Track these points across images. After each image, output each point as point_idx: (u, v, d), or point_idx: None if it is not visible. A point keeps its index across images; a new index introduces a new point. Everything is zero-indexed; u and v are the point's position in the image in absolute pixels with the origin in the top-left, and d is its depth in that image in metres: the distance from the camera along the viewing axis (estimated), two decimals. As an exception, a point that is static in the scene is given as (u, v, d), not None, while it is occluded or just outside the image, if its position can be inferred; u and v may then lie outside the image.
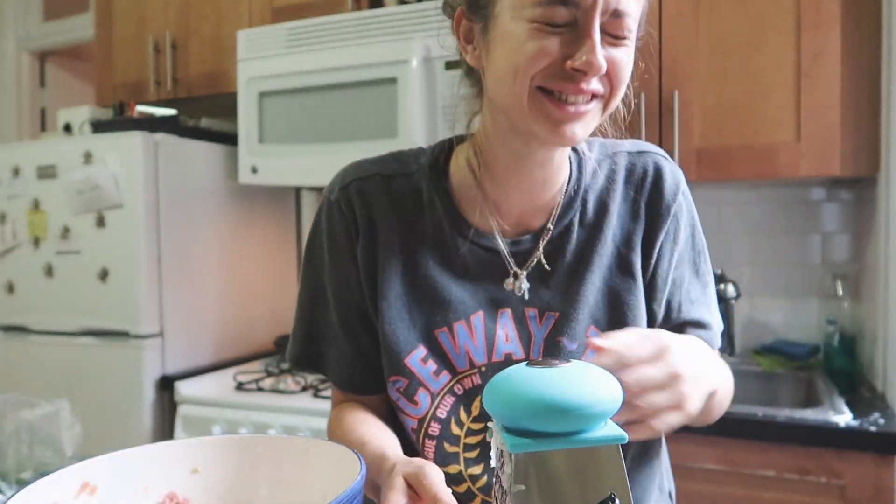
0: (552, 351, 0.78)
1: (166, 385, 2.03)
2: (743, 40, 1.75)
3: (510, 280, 0.79)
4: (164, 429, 2.04)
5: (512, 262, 0.79)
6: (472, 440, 0.79)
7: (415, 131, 1.84)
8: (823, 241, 2.01)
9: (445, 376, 0.78)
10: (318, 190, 2.54)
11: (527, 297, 0.78)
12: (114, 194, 2.03)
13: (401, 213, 0.81)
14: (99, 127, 2.22)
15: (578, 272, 0.79)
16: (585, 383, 0.47)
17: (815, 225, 2.02)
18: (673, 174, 0.84)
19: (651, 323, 0.81)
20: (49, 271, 2.14)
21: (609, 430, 0.48)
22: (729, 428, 1.45)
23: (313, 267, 0.85)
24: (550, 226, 0.79)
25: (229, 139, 2.29)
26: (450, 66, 1.83)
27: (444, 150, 0.84)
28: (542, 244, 0.79)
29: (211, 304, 2.24)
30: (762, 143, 1.72)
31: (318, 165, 2.02)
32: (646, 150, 0.86)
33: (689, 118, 1.78)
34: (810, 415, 1.43)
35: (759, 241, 2.07)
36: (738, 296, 1.97)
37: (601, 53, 0.66)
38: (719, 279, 1.98)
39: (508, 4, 0.68)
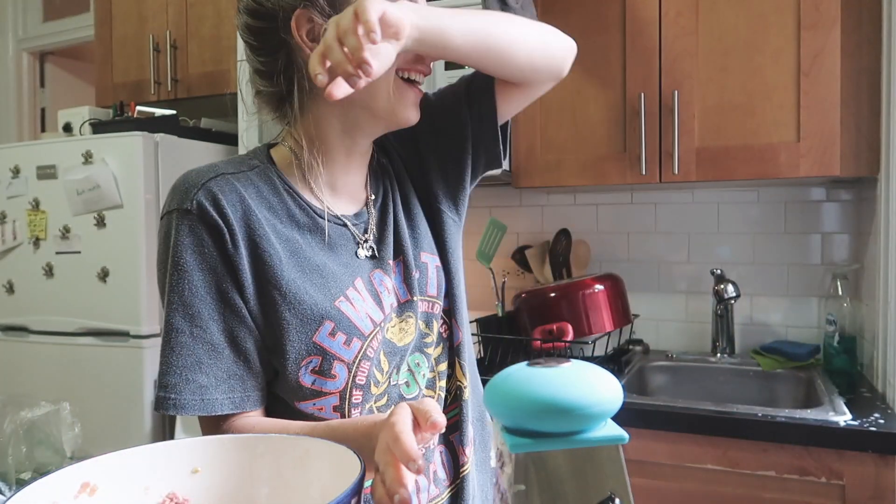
0: (414, 285, 0.89)
1: (166, 385, 2.03)
2: (743, 40, 1.75)
3: (360, 250, 0.88)
4: (164, 429, 2.04)
5: (358, 232, 0.89)
6: (379, 390, 0.85)
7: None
8: (823, 241, 2.01)
9: (356, 343, 0.81)
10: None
11: (377, 255, 0.88)
12: (114, 194, 2.03)
13: (260, 205, 0.82)
14: (99, 127, 2.22)
15: (399, 223, 0.92)
16: (585, 383, 0.47)
17: (815, 225, 2.02)
18: None
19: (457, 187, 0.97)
20: (49, 271, 2.14)
21: (609, 430, 0.48)
22: (729, 428, 1.45)
23: (178, 291, 0.78)
24: (373, 196, 0.92)
25: (229, 139, 2.29)
26: (449, 66, 1.82)
27: (265, 152, 0.90)
28: (372, 212, 0.91)
29: (211, 304, 2.24)
30: (762, 143, 1.73)
31: (318, 165, 2.02)
32: None
33: (689, 118, 1.78)
34: (810, 415, 1.43)
35: (759, 241, 2.07)
36: (737, 296, 1.97)
37: None
38: (719, 279, 1.98)
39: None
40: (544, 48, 0.88)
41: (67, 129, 2.31)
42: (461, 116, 0.94)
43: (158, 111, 2.26)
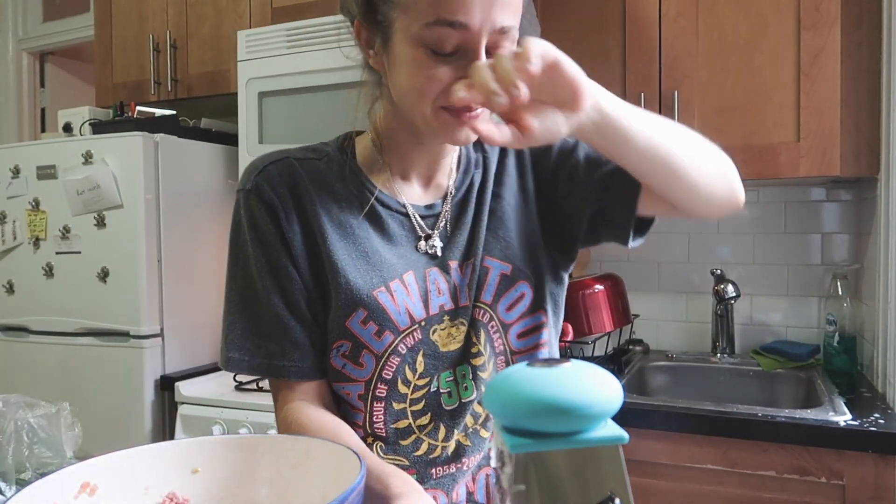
0: (471, 292, 0.84)
1: (166, 385, 2.03)
2: (743, 40, 1.75)
3: (422, 243, 0.85)
4: (164, 429, 2.04)
5: (423, 224, 0.86)
6: (419, 394, 0.83)
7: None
8: (823, 241, 2.01)
9: (388, 336, 0.81)
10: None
11: (440, 254, 0.85)
12: (114, 194, 2.03)
13: (320, 188, 0.84)
14: (99, 127, 2.22)
15: (478, 224, 0.87)
16: (585, 383, 0.47)
17: (815, 225, 2.02)
18: None
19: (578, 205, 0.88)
20: (49, 271, 2.14)
21: (609, 430, 0.48)
22: (729, 428, 1.45)
23: (240, 265, 0.84)
24: (453, 190, 0.88)
25: (229, 139, 2.29)
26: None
27: (348, 138, 0.91)
28: (447, 206, 0.88)
29: (211, 304, 2.24)
30: (762, 143, 1.72)
31: (318, 165, 2.02)
32: None
33: (689, 118, 1.78)
34: (810, 415, 1.43)
35: (759, 241, 2.07)
36: (737, 296, 1.97)
37: None
38: (719, 279, 1.98)
39: (401, 25, 0.73)
40: (726, 180, 0.81)
41: (67, 129, 2.31)
42: (594, 198, 0.85)
43: (158, 111, 2.26)
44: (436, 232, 0.86)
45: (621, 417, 0.49)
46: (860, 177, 1.74)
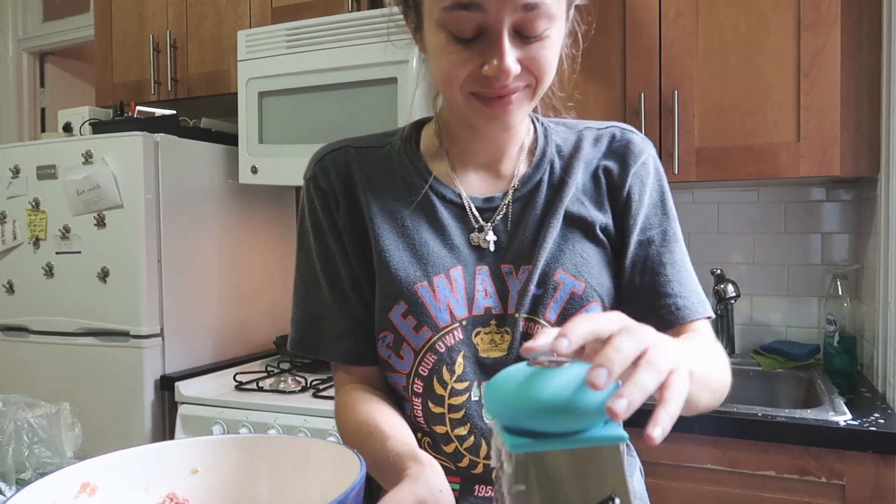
0: (524, 301, 0.79)
1: (166, 385, 2.03)
2: (743, 40, 1.75)
3: (475, 234, 0.81)
4: (164, 429, 2.04)
5: (479, 216, 0.82)
6: (457, 401, 0.79)
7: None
8: (823, 241, 2.01)
9: (426, 332, 0.79)
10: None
11: (492, 248, 0.81)
12: (114, 194, 2.03)
13: (375, 177, 0.84)
14: (99, 127, 2.22)
15: (545, 228, 0.81)
16: (585, 383, 0.47)
17: (815, 225, 2.02)
18: (639, 142, 0.86)
19: (619, 281, 0.84)
20: (49, 271, 2.14)
21: (609, 430, 0.48)
22: (729, 428, 1.45)
23: (304, 251, 0.88)
24: (517, 184, 0.83)
25: (229, 139, 2.29)
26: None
27: (416, 127, 0.90)
28: (508, 200, 0.83)
29: (211, 304, 2.24)
30: (762, 143, 1.72)
31: (318, 165, 2.02)
32: (614, 124, 0.89)
33: (689, 118, 1.78)
34: (810, 415, 1.43)
35: (759, 241, 2.07)
36: (738, 296, 1.97)
37: (511, 58, 0.68)
38: (719, 279, 1.98)
39: (427, 9, 0.72)
40: (720, 397, 0.75)
41: (67, 129, 2.31)
42: (634, 296, 0.82)
43: (158, 111, 2.26)
44: (490, 225, 0.82)
45: (621, 417, 0.49)
46: (860, 177, 1.74)
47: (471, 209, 0.82)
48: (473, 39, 0.69)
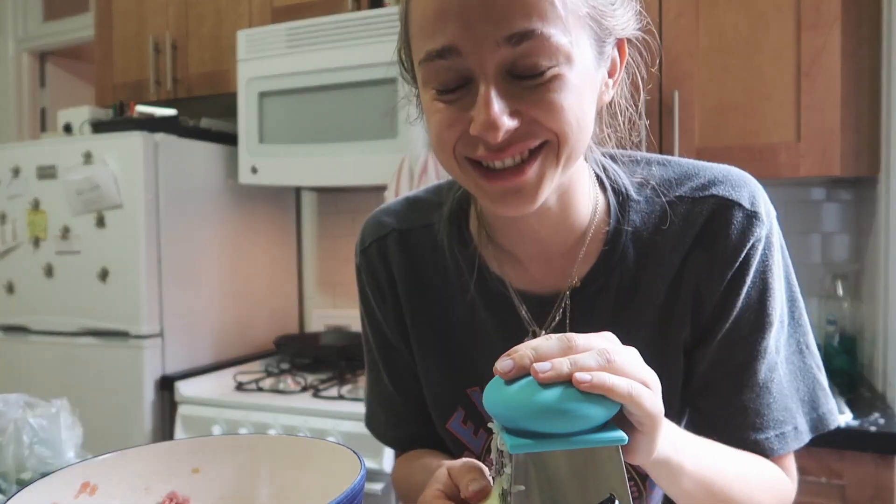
0: None
1: (166, 385, 2.03)
2: (743, 40, 1.75)
3: (528, 339, 0.67)
4: (164, 429, 2.04)
5: (532, 319, 0.70)
6: None
7: (415, 131, 1.84)
8: (823, 241, 2.01)
9: (483, 435, 0.78)
10: (319, 190, 2.54)
11: None
12: (114, 194, 2.03)
13: (421, 273, 0.76)
14: (99, 127, 2.22)
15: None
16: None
17: (815, 225, 2.02)
18: (742, 224, 0.67)
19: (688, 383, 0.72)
20: (49, 271, 2.14)
21: (609, 430, 0.48)
22: (729, 428, 1.44)
23: (364, 330, 0.86)
24: (578, 283, 0.69)
25: (229, 139, 2.29)
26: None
27: (466, 196, 0.74)
28: (565, 301, 0.69)
29: (211, 304, 2.24)
30: (762, 143, 1.72)
31: (317, 165, 2.02)
32: (711, 192, 0.68)
33: (689, 118, 1.78)
34: (810, 415, 1.43)
35: (759, 241, 2.07)
36: (738, 296, 1.96)
37: (498, 107, 0.54)
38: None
39: (417, 69, 0.61)
40: None
41: (67, 129, 2.31)
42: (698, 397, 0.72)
43: (158, 111, 2.26)
44: (543, 331, 0.69)
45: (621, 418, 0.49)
46: (860, 177, 1.74)
47: (522, 310, 0.71)
48: (458, 90, 0.57)
